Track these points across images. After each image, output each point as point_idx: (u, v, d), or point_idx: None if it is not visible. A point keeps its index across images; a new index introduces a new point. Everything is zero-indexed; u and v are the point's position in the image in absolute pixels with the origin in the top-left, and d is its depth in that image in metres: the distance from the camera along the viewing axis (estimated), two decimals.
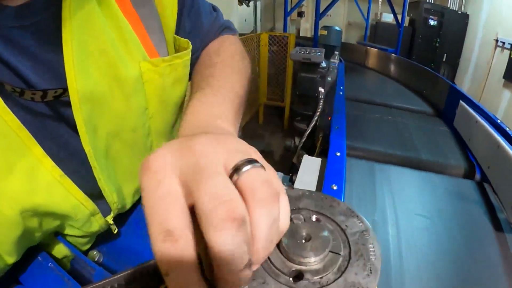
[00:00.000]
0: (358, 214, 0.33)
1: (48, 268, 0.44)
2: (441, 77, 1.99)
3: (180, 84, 0.54)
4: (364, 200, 0.98)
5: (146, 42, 0.48)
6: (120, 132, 0.47)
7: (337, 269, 0.28)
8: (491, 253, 0.83)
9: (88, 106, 0.40)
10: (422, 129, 1.55)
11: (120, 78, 0.43)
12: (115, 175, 0.48)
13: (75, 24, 0.37)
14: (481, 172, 1.21)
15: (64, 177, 0.40)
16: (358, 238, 0.30)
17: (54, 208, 0.40)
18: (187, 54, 0.53)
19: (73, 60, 0.37)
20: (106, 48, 0.41)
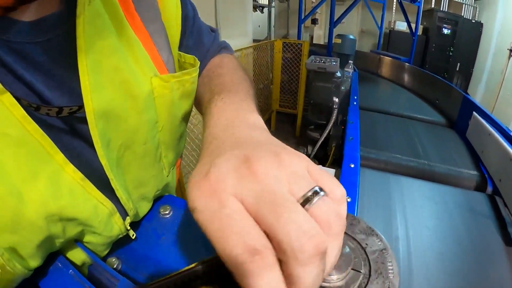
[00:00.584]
0: (378, 233, 0.35)
1: (68, 275, 0.44)
2: (454, 88, 1.98)
3: (187, 99, 0.56)
4: (375, 211, 0.99)
5: (156, 58, 0.49)
6: (132, 145, 0.48)
7: (358, 286, 0.29)
8: (501, 268, 0.83)
9: (103, 122, 0.41)
10: (435, 140, 1.55)
11: (133, 94, 0.44)
12: (125, 183, 0.50)
13: (88, 42, 0.38)
14: (493, 185, 1.21)
15: (85, 180, 0.41)
16: (378, 257, 0.32)
17: (76, 211, 0.41)
18: (195, 71, 0.55)
19: (88, 78, 0.38)
20: (119, 65, 0.42)
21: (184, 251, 0.52)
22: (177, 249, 0.52)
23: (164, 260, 0.50)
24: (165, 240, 0.53)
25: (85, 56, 0.37)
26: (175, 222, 0.57)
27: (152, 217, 0.58)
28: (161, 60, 0.50)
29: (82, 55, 0.37)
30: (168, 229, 0.55)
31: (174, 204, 0.60)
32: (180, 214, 0.59)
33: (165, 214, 0.58)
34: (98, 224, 0.45)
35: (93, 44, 0.38)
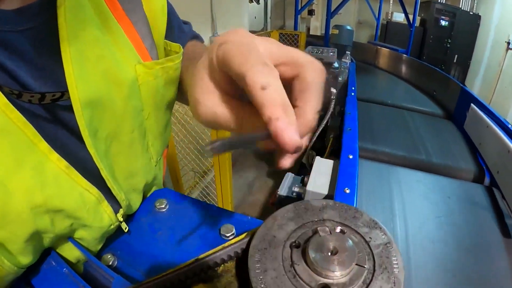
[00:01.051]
0: (381, 226, 0.34)
1: (62, 274, 0.44)
2: (452, 79, 1.98)
3: (171, 86, 0.56)
4: (374, 202, 0.98)
5: (139, 46, 0.49)
6: (119, 134, 0.48)
7: (362, 282, 0.28)
8: (498, 258, 0.83)
9: (89, 110, 0.41)
10: (433, 132, 1.55)
11: (118, 82, 0.44)
12: (114, 174, 0.50)
13: (70, 31, 0.38)
14: (491, 176, 1.21)
15: (69, 168, 0.40)
16: (382, 251, 0.31)
17: (63, 201, 0.41)
18: (178, 58, 0.55)
19: (73, 67, 0.38)
20: (102, 54, 0.42)
21: (181, 247, 0.51)
22: (174, 245, 0.51)
23: (160, 256, 0.49)
24: (161, 235, 0.53)
25: (68, 45, 0.37)
26: (172, 216, 0.56)
27: (147, 212, 0.57)
28: (144, 48, 0.51)
29: (65, 44, 0.37)
30: (164, 224, 0.55)
31: (170, 198, 0.60)
32: (176, 208, 0.58)
33: (161, 208, 0.57)
34: (87, 214, 0.44)
35: (76, 33, 0.38)
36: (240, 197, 2.93)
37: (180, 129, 2.16)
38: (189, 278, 0.34)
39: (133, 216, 0.57)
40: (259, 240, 0.32)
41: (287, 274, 0.29)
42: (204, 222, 0.55)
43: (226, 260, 0.35)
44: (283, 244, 0.32)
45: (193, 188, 2.52)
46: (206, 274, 0.35)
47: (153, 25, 0.53)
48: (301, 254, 0.30)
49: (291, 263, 0.30)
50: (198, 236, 0.52)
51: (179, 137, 2.17)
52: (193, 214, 0.56)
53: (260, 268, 0.29)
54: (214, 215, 0.56)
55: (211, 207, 0.58)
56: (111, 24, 0.44)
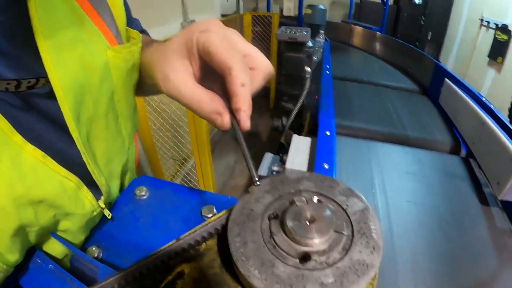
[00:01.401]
0: (358, 193, 0.34)
1: (48, 271, 0.44)
2: (426, 55, 2.00)
3: (136, 70, 0.58)
4: (354, 177, 1.00)
5: (106, 33, 0.51)
6: (96, 118, 0.49)
7: (342, 248, 0.29)
8: (478, 226, 0.86)
9: (72, 95, 0.42)
10: (408, 107, 1.57)
11: (92, 66, 0.46)
12: (95, 159, 0.51)
13: (43, 21, 0.38)
14: (467, 148, 1.24)
15: (46, 157, 0.40)
16: (360, 217, 0.32)
17: (43, 190, 0.41)
18: (139, 42, 0.57)
19: (50, 55, 0.39)
20: (74, 40, 0.43)
21: (164, 231, 0.51)
22: (157, 230, 0.51)
23: (144, 243, 0.50)
24: (144, 222, 0.53)
25: (42, 34, 0.38)
26: (152, 203, 0.56)
27: (128, 200, 0.57)
28: (111, 35, 0.52)
29: (38, 32, 0.38)
30: (145, 211, 0.55)
31: (150, 184, 0.59)
32: (157, 194, 0.58)
33: (141, 196, 0.57)
34: (68, 201, 0.44)
35: (48, 23, 0.39)
36: (222, 181, 2.94)
37: (157, 118, 2.14)
38: (172, 259, 0.34)
39: (114, 205, 0.57)
40: (237, 214, 0.32)
41: (267, 245, 0.29)
42: (185, 205, 0.55)
43: (206, 238, 0.35)
44: (261, 216, 0.32)
45: (174, 176, 2.51)
46: (188, 254, 0.35)
47: (115, 15, 0.54)
48: (280, 225, 0.30)
49: (270, 235, 0.30)
50: (180, 219, 0.52)
51: (156, 126, 2.14)
52: (173, 199, 0.56)
53: (240, 241, 0.29)
54: (195, 197, 0.56)
55: (191, 190, 0.58)
56: (79, 14, 0.45)
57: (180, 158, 2.58)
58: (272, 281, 0.26)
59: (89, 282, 0.41)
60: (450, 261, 0.76)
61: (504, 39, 3.32)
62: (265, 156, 1.04)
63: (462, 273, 0.73)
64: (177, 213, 0.53)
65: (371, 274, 0.27)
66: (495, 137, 1.01)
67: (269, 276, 0.26)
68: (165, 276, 0.33)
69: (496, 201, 0.95)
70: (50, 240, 0.48)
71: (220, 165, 3.13)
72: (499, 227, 0.86)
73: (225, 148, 3.41)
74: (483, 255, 0.78)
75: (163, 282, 0.33)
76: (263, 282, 0.26)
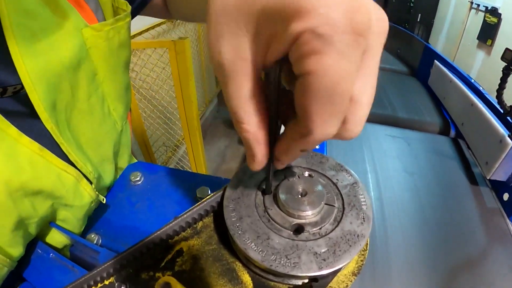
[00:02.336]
0: (347, 168, 0.36)
1: (50, 260, 0.44)
2: (415, 37, 2.01)
3: (125, 48, 0.55)
4: (344, 157, 1.01)
5: (83, 9, 0.47)
6: (76, 103, 0.47)
7: (333, 220, 0.30)
8: (467, 205, 0.88)
9: (43, 85, 0.40)
10: (398, 88, 1.58)
11: (66, 50, 0.43)
12: (81, 145, 0.49)
13: (11, 9, 0.36)
14: (456, 129, 1.26)
15: (43, 149, 0.40)
16: (349, 190, 0.33)
17: (40, 183, 0.40)
18: (128, 16, 0.53)
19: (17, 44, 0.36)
20: (46, 25, 0.40)
21: (160, 214, 0.52)
22: (153, 214, 0.52)
23: (141, 226, 0.50)
24: (140, 206, 0.53)
25: (8, 22, 0.36)
26: (147, 187, 0.57)
27: (124, 187, 0.58)
28: (89, 10, 0.48)
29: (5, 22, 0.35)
30: (141, 196, 0.55)
31: (144, 170, 0.60)
32: (151, 179, 0.58)
33: (136, 181, 0.57)
34: (66, 193, 0.44)
35: (15, 10, 0.36)
36: (214, 167, 2.95)
37: (147, 105, 2.13)
38: (171, 237, 0.35)
39: (110, 193, 0.57)
40: (231, 191, 0.33)
41: (262, 219, 0.30)
42: (180, 188, 0.56)
43: (203, 215, 0.36)
44: (255, 192, 0.33)
45: (166, 163, 2.51)
46: (186, 232, 0.36)
47: None
48: (273, 199, 0.31)
49: (264, 209, 0.31)
50: (176, 202, 0.53)
51: (146, 113, 2.13)
52: (168, 182, 0.57)
53: (236, 216, 0.31)
54: (189, 180, 0.57)
55: (185, 173, 0.59)
56: None
57: (172, 144, 2.58)
58: (268, 252, 0.27)
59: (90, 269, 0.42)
60: (440, 239, 0.78)
61: (493, 22, 3.33)
62: None
63: (452, 250, 0.75)
64: (172, 196, 0.54)
65: (362, 244, 0.28)
66: (483, 118, 1.03)
67: (265, 248, 0.28)
68: (165, 255, 0.34)
69: (485, 180, 0.97)
70: (50, 231, 0.48)
71: (212, 151, 3.13)
72: (488, 206, 0.88)
73: (216, 134, 3.41)
74: (472, 233, 0.80)
75: (164, 260, 0.34)
76: (260, 254, 0.27)
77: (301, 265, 0.27)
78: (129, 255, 0.33)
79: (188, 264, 0.33)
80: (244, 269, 0.32)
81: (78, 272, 0.42)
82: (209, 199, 0.36)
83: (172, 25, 2.33)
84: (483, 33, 3.54)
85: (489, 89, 1.16)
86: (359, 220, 0.30)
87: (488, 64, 3.44)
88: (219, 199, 0.36)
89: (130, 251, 0.34)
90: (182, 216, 0.36)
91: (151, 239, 0.34)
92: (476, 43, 3.68)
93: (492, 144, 0.95)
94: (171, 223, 0.35)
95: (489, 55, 3.41)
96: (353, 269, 0.31)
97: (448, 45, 4.49)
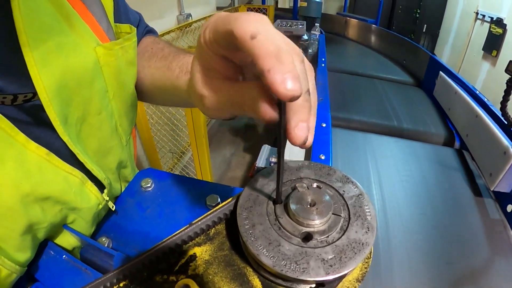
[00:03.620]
0: (353, 180, 0.38)
1: (62, 261, 0.45)
2: (421, 48, 2.02)
3: (132, 66, 0.57)
4: (349, 168, 1.02)
5: (96, 28, 0.49)
6: (87, 117, 0.48)
7: (340, 229, 0.32)
8: (471, 216, 0.88)
9: (58, 99, 0.41)
10: (403, 99, 1.59)
11: (81, 66, 0.44)
12: (88, 158, 0.50)
13: (27, 24, 0.37)
14: (460, 140, 1.27)
15: (50, 154, 0.41)
16: (355, 201, 0.35)
17: (49, 187, 0.41)
18: (134, 36, 0.56)
19: (34, 59, 0.37)
20: (61, 41, 0.42)
21: (171, 220, 0.53)
22: (163, 220, 0.53)
23: (152, 232, 0.51)
24: (151, 212, 0.54)
25: (25, 36, 0.37)
26: (158, 194, 0.58)
27: (134, 192, 0.59)
28: (101, 30, 0.50)
29: (22, 36, 0.36)
30: (152, 202, 0.56)
31: (155, 176, 0.61)
32: (162, 185, 0.59)
33: (147, 187, 0.58)
34: (74, 196, 0.45)
35: (32, 24, 0.37)
36: (219, 174, 2.95)
37: (155, 111, 2.15)
38: (185, 243, 0.37)
39: (121, 198, 0.59)
40: (244, 200, 0.35)
41: (273, 227, 0.32)
42: (190, 195, 0.57)
43: (217, 223, 0.38)
44: (266, 201, 0.35)
45: (172, 169, 2.52)
46: (199, 238, 0.38)
47: (106, 7, 0.52)
48: (284, 208, 0.34)
49: (275, 217, 0.33)
50: (186, 208, 0.54)
51: (153, 120, 2.16)
52: (178, 190, 0.58)
53: (248, 224, 0.33)
54: (199, 187, 0.58)
55: (195, 181, 0.60)
56: (66, 10, 0.43)
57: (178, 151, 2.60)
58: (279, 258, 0.29)
59: (101, 271, 0.43)
60: (443, 250, 0.78)
61: (498, 33, 3.34)
62: (263, 149, 1.06)
63: (455, 261, 0.76)
64: (182, 203, 0.55)
65: (366, 251, 0.30)
66: (488, 130, 1.04)
67: (276, 254, 0.30)
68: (179, 259, 0.36)
69: (489, 192, 0.98)
70: (60, 233, 0.49)
71: (217, 158, 3.14)
72: (492, 218, 0.89)
73: (222, 141, 3.42)
74: (475, 245, 0.81)
75: (177, 264, 0.35)
76: (271, 259, 0.29)
77: (310, 270, 0.28)
78: (146, 259, 0.35)
79: (201, 268, 0.35)
80: (255, 274, 0.33)
81: (91, 275, 0.43)
82: (222, 207, 0.38)
83: (180, 33, 2.36)
84: (488, 44, 3.55)
85: (493, 100, 1.17)
86: (364, 229, 0.32)
87: (493, 75, 3.45)
88: (231, 208, 0.38)
89: (147, 255, 0.35)
90: (197, 222, 0.37)
91: (167, 244, 0.36)
92: (481, 54, 3.69)
93: (496, 155, 0.96)
94: (187, 229, 0.37)
95: (494, 66, 3.43)
96: (357, 276, 0.33)
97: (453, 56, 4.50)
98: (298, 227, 0.32)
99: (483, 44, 3.64)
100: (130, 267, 0.34)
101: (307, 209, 0.32)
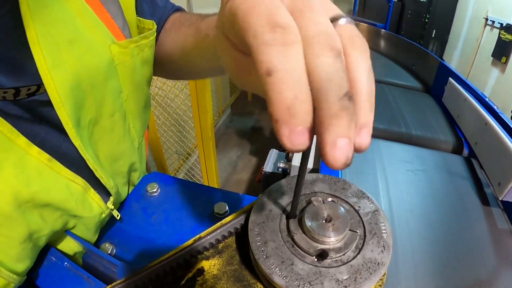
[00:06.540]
0: (369, 195, 0.36)
1: (64, 268, 0.44)
2: (430, 54, 2.00)
3: (148, 65, 0.55)
4: (357, 174, 1.01)
5: (111, 26, 0.46)
6: (100, 119, 0.46)
7: (355, 247, 0.31)
8: (478, 226, 0.87)
9: (70, 101, 0.39)
10: (412, 105, 1.58)
11: (94, 65, 0.42)
12: (99, 161, 0.49)
13: (37, 18, 0.34)
14: (469, 148, 1.26)
15: (51, 160, 0.39)
16: (371, 218, 0.34)
17: (49, 195, 0.40)
18: (152, 34, 0.53)
19: (44, 56, 0.35)
20: (73, 38, 0.39)
21: (177, 228, 0.52)
22: (169, 227, 0.52)
23: (158, 239, 0.50)
24: (157, 218, 0.53)
25: (34, 32, 0.34)
26: (164, 199, 0.57)
27: (140, 197, 0.58)
28: (116, 27, 0.48)
29: (31, 32, 0.34)
30: (157, 207, 0.55)
31: (161, 181, 0.60)
32: (168, 191, 0.58)
33: (153, 193, 0.57)
34: (75, 204, 0.44)
35: (42, 19, 0.35)
36: (225, 176, 2.94)
37: (162, 112, 2.15)
38: (194, 257, 0.36)
39: (126, 202, 0.57)
40: (257, 215, 0.34)
41: (286, 244, 0.31)
42: (197, 202, 0.56)
43: (227, 237, 0.37)
44: (279, 216, 0.34)
45: (178, 170, 2.52)
46: (208, 252, 0.37)
47: (123, 3, 0.50)
48: (298, 224, 0.32)
49: (288, 233, 0.32)
50: (193, 216, 0.53)
51: (160, 121, 2.15)
52: (185, 196, 0.57)
53: (261, 240, 0.31)
54: (206, 194, 0.57)
55: (202, 187, 0.59)
56: (79, 5, 0.40)
57: (184, 152, 2.59)
58: (292, 278, 0.28)
59: (102, 278, 0.42)
60: (450, 259, 0.77)
61: (508, 39, 3.31)
62: (271, 153, 1.06)
63: (462, 271, 0.75)
64: (189, 210, 0.54)
65: (382, 271, 0.29)
66: (497, 138, 1.03)
67: (289, 273, 0.29)
68: (186, 273, 0.35)
69: (497, 201, 0.97)
70: (62, 238, 0.47)
71: (223, 160, 3.13)
72: (500, 228, 0.88)
73: (229, 144, 3.42)
74: (482, 255, 0.80)
75: (184, 278, 0.34)
76: (284, 279, 0.28)
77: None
78: (152, 273, 0.34)
79: (209, 283, 0.34)
80: None
81: (94, 284, 0.42)
82: (232, 220, 0.37)
83: None
84: (497, 50, 3.52)
85: (503, 107, 1.16)
86: (380, 248, 0.31)
87: (501, 82, 3.42)
88: (242, 222, 0.37)
89: (153, 270, 0.34)
90: (206, 235, 0.36)
91: (175, 258, 0.35)
92: (491, 60, 3.66)
93: (505, 164, 0.94)
94: (195, 242, 0.36)
95: (503, 73, 3.40)
96: None
97: (462, 62, 4.47)
98: (313, 243, 0.30)
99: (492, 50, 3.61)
100: (136, 280, 0.34)
101: (323, 224, 0.31)
